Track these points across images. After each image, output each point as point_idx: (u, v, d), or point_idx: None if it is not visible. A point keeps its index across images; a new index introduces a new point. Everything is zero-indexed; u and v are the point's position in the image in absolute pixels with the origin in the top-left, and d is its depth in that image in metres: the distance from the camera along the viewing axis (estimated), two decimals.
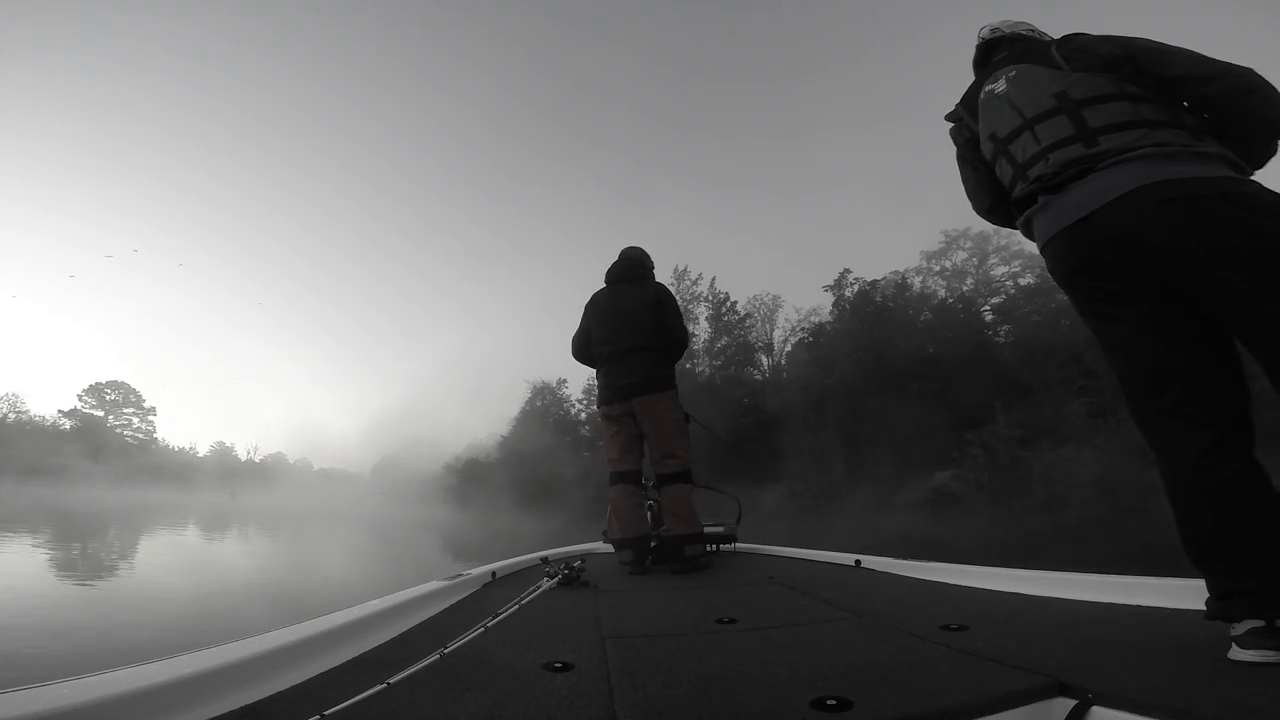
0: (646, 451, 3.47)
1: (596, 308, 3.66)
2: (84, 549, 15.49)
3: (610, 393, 3.52)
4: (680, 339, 3.57)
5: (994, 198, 1.78)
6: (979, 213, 1.89)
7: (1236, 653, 1.21)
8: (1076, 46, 1.56)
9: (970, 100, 1.79)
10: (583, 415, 53.50)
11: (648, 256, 3.80)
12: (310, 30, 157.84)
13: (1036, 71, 1.59)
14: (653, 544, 3.69)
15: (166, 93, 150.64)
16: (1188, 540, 1.34)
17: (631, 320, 3.48)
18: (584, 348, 3.74)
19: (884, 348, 32.76)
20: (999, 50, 1.79)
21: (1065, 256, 1.50)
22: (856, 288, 39.69)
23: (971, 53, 1.89)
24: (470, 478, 53.99)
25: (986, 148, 1.71)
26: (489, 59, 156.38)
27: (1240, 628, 1.22)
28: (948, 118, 1.90)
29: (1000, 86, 1.65)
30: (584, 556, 3.15)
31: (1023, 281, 35.74)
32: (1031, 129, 1.55)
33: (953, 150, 1.90)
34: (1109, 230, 1.39)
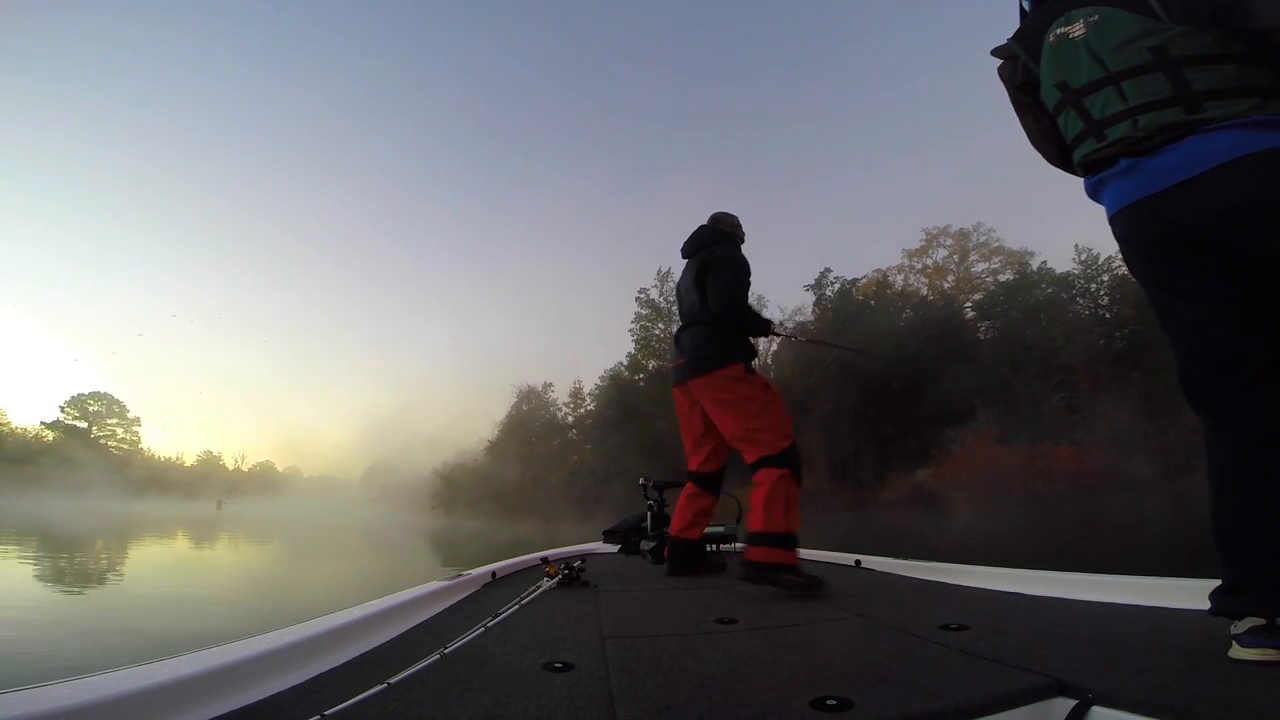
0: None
1: (677, 284, 3.31)
2: (64, 563, 15.25)
3: (672, 376, 3.16)
4: (719, 306, 2.89)
5: (1064, 147, 1.60)
6: (1050, 162, 1.70)
7: (1237, 651, 1.19)
8: None
9: (1029, 39, 1.58)
10: (569, 419, 53.45)
11: (724, 222, 3.25)
12: (308, 24, 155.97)
13: (1126, 18, 1.38)
14: (652, 544, 3.67)
15: (157, 84, 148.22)
16: (1222, 524, 1.29)
17: (685, 295, 3.10)
18: None
19: (869, 347, 32.99)
20: None
21: (1148, 224, 1.36)
22: (837, 286, 40.02)
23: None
24: (456, 484, 53.69)
25: (1050, 96, 1.54)
26: (484, 63, 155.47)
27: (1241, 626, 1.20)
28: (996, 53, 1.70)
29: (1078, 30, 1.45)
30: (584, 556, 3.13)
31: (1002, 278, 36.27)
32: (1118, 84, 1.38)
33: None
34: (1209, 199, 1.26)
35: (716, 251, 3.02)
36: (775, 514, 2.54)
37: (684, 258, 3.23)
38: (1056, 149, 1.63)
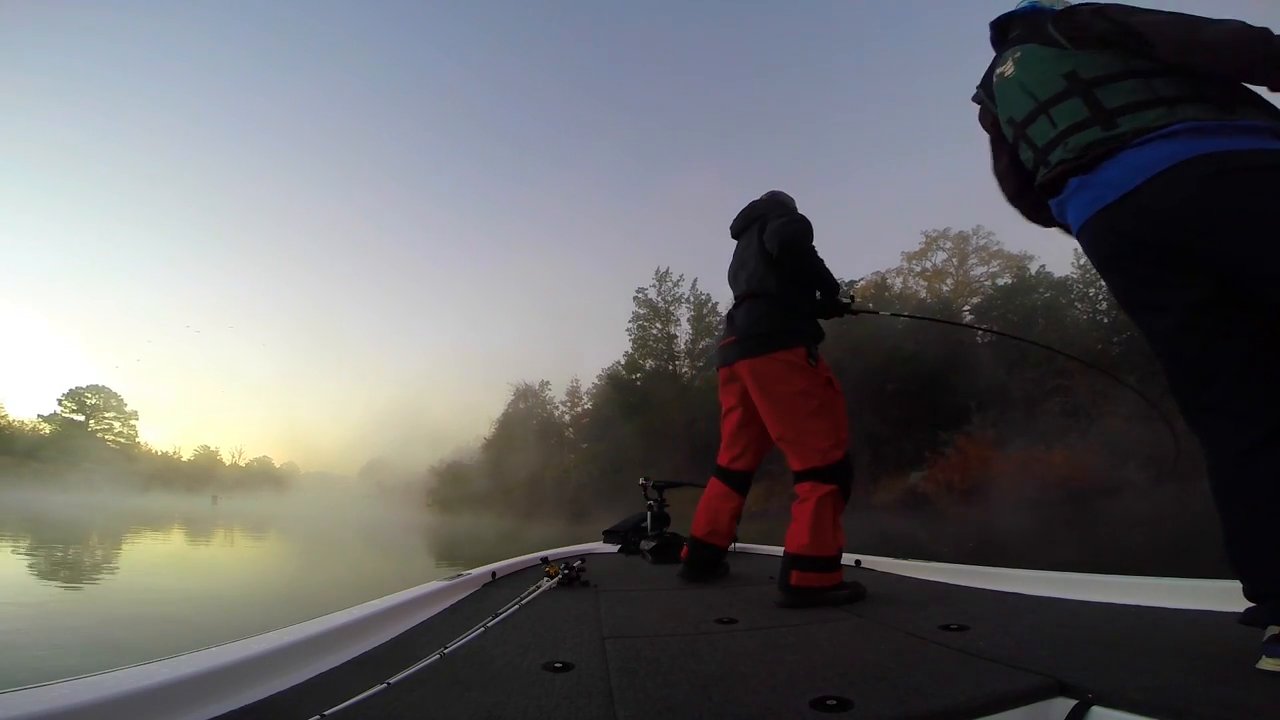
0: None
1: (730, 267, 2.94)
2: (66, 555, 15.28)
3: (715, 357, 2.79)
4: (779, 240, 2.52)
5: (1019, 183, 1.70)
6: (1007, 197, 1.78)
7: (1264, 662, 1.15)
8: (1074, 23, 1.48)
9: (987, 84, 1.73)
10: (566, 418, 53.49)
11: (781, 195, 2.95)
12: (302, 20, 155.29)
13: (1040, 51, 1.53)
14: (652, 544, 3.66)
15: (145, 80, 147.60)
16: (1228, 536, 1.27)
17: (742, 269, 2.71)
18: None
19: (861, 347, 32.96)
20: (1013, 28, 1.71)
21: (1103, 238, 1.40)
22: None
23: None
24: (452, 481, 53.66)
25: (1007, 131, 1.65)
26: (487, 59, 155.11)
27: (1266, 634, 1.17)
28: (975, 100, 1.82)
29: (1009, 69, 1.60)
30: (584, 556, 3.13)
31: (1001, 281, 36.30)
32: (1046, 112, 1.49)
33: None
34: (1152, 208, 1.30)
35: (777, 209, 2.73)
36: (823, 534, 2.23)
37: (740, 232, 2.89)
38: (1012, 185, 1.73)
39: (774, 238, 2.52)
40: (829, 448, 2.33)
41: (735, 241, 2.95)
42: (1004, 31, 1.74)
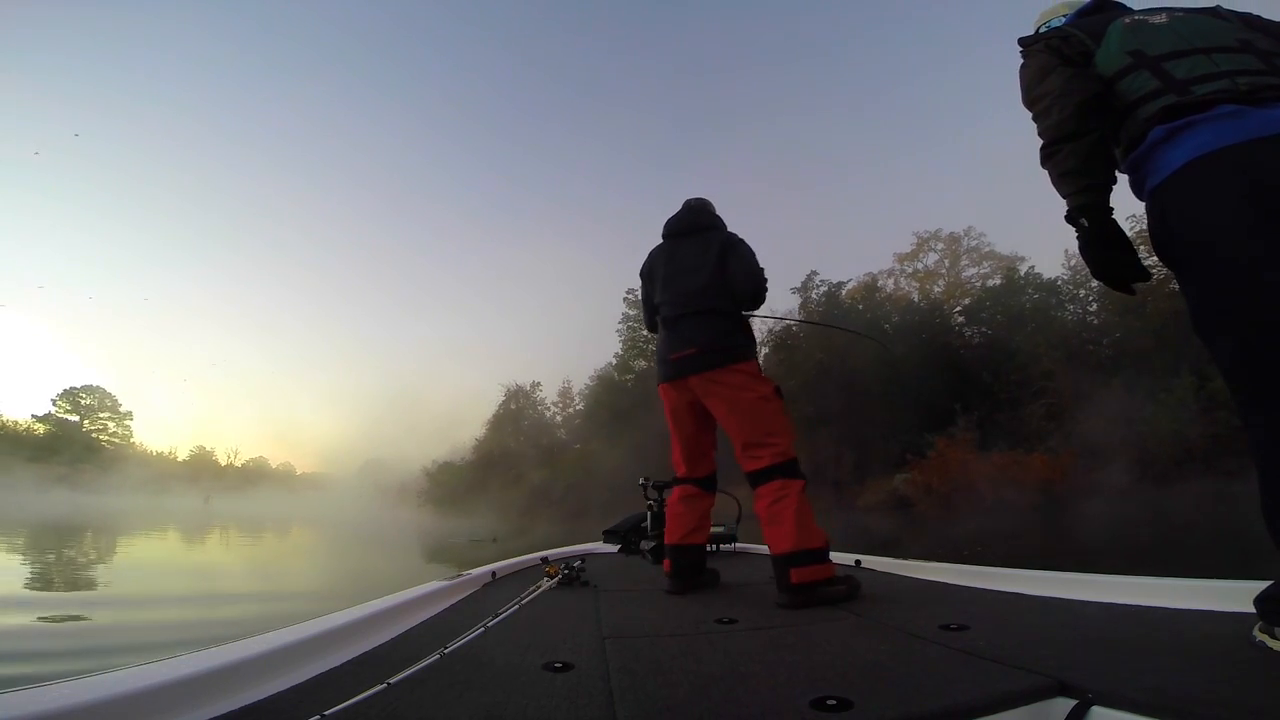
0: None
1: (653, 266, 2.97)
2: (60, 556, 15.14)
3: (663, 370, 2.79)
4: (749, 288, 2.71)
5: (1088, 95, 1.58)
6: (1064, 111, 1.58)
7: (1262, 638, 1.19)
8: (1237, 13, 1.57)
9: (1091, 28, 1.67)
10: (558, 418, 53.37)
11: (712, 206, 3.08)
12: (295, 16, 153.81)
13: (1210, 19, 1.57)
14: (652, 544, 3.65)
15: (143, 80, 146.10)
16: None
17: (691, 278, 2.76)
18: (651, 318, 3.03)
19: (850, 350, 33.04)
20: (1110, 9, 1.73)
21: (1249, 167, 1.31)
22: (824, 290, 39.97)
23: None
24: (443, 483, 53.48)
25: (1117, 61, 1.57)
26: (481, 56, 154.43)
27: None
28: (1035, 38, 1.74)
29: (1161, 19, 1.59)
30: (584, 556, 3.14)
31: (991, 283, 36.52)
32: (1208, 54, 1.47)
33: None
34: None
35: (731, 235, 2.84)
36: (809, 526, 2.33)
37: (673, 235, 2.97)
38: (1079, 95, 1.59)
39: (752, 285, 2.72)
40: (789, 446, 2.52)
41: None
42: (1100, 6, 1.76)
